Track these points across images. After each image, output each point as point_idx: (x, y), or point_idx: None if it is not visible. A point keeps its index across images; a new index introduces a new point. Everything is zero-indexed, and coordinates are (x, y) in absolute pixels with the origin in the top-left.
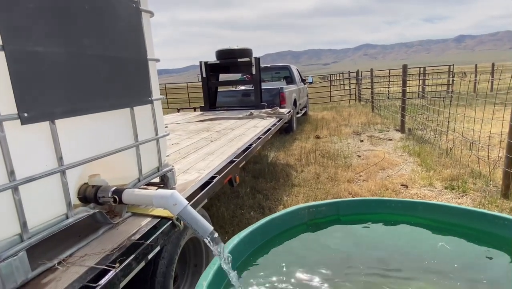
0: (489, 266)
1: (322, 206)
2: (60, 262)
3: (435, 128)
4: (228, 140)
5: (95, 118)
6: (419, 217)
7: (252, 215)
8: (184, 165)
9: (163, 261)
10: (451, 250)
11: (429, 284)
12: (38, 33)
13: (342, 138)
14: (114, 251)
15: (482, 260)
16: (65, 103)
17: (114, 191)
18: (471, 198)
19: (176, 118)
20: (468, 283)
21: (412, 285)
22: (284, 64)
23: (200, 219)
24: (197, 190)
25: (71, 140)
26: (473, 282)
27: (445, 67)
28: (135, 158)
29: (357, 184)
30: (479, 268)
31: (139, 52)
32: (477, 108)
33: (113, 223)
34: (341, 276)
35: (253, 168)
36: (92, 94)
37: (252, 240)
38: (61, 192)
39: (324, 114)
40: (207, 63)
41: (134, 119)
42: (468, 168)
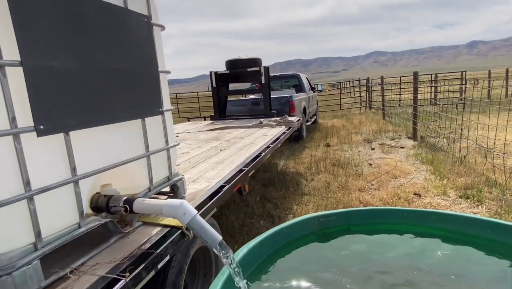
0: (507, 279)
1: (332, 216)
2: (72, 271)
3: (448, 135)
4: (238, 149)
5: (107, 130)
6: (432, 227)
7: (262, 224)
8: (194, 174)
9: (172, 271)
10: (466, 262)
11: None
12: (54, 48)
13: (353, 146)
14: (125, 260)
15: (499, 272)
16: (79, 116)
17: (125, 201)
18: (487, 207)
19: (187, 128)
20: None
21: None
22: (293, 73)
23: (209, 228)
24: (207, 199)
25: (84, 151)
26: None
27: (458, 74)
28: (146, 167)
29: (369, 193)
30: (497, 281)
31: (150, 65)
32: (491, 115)
33: (124, 232)
34: (351, 287)
35: (262, 176)
36: (105, 106)
37: (261, 250)
38: (74, 202)
39: (334, 122)
40: (217, 73)
41: (145, 130)
42: (483, 176)
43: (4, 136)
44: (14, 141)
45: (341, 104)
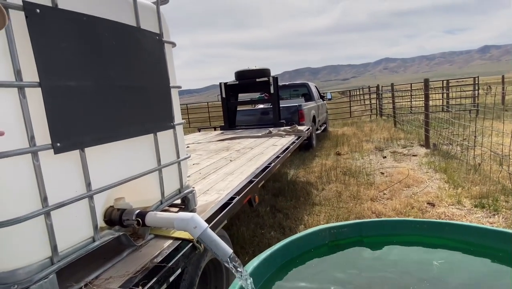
0: None
1: (344, 227)
2: (87, 284)
3: (462, 143)
4: (247, 160)
5: (121, 145)
6: (446, 239)
7: (273, 235)
8: (204, 185)
9: (184, 283)
10: (482, 274)
11: None
12: (70, 69)
13: (364, 155)
14: (137, 274)
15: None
16: (94, 133)
17: (138, 214)
18: (504, 216)
19: (197, 138)
20: None
21: None
22: (302, 82)
23: (219, 242)
24: (217, 211)
25: (98, 167)
26: None
27: (470, 80)
28: (158, 181)
29: (381, 203)
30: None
31: (162, 81)
32: (506, 121)
33: (137, 245)
34: None
35: (273, 186)
36: (119, 123)
37: (272, 261)
38: (88, 216)
39: (344, 130)
40: (226, 84)
41: (157, 144)
42: (498, 184)
43: (24, 155)
44: (33, 159)
45: (351, 112)
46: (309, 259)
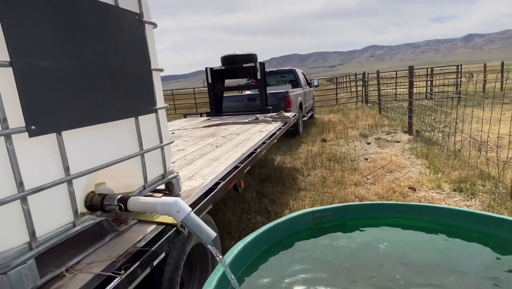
0: (497, 270)
1: (327, 211)
2: (68, 269)
3: (443, 129)
4: (233, 146)
5: (100, 129)
6: (426, 221)
7: (259, 220)
8: (189, 171)
9: (169, 267)
10: (459, 255)
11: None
12: (44, 48)
13: (349, 141)
14: (120, 258)
15: (490, 264)
16: (71, 115)
17: (119, 199)
18: (480, 200)
19: (183, 124)
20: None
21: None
22: (289, 68)
23: (203, 225)
24: (202, 196)
25: (77, 151)
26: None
27: (453, 68)
28: (140, 166)
29: (364, 187)
30: (487, 272)
31: (143, 63)
32: (485, 109)
33: (119, 230)
34: (346, 282)
35: (259, 172)
36: (97, 105)
37: (257, 245)
38: (68, 201)
39: (330, 117)
40: (212, 70)
41: (139, 129)
42: (477, 169)
43: None
44: (6, 142)
45: (337, 99)
46: (293, 242)
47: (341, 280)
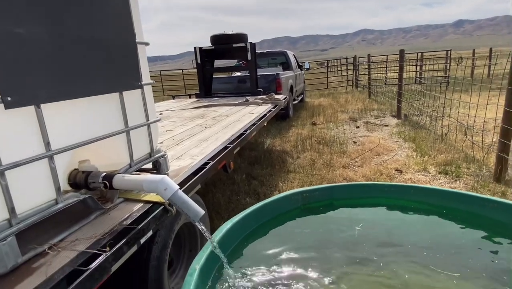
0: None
1: (316, 191)
2: (51, 247)
3: (431, 114)
4: (223, 127)
5: (83, 103)
6: (411, 201)
7: (248, 201)
8: (177, 151)
9: (156, 246)
10: (441, 231)
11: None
12: (19, 14)
13: (339, 125)
14: (105, 236)
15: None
16: (51, 87)
17: (104, 177)
18: (464, 182)
19: (171, 105)
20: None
21: (403, 267)
22: (281, 50)
23: (191, 203)
24: (190, 176)
25: (59, 126)
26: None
27: (443, 53)
28: (126, 143)
29: (352, 170)
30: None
31: (126, 35)
32: (473, 94)
33: (105, 208)
34: (334, 260)
35: (249, 154)
36: (78, 78)
37: (246, 224)
38: (49, 178)
39: (321, 101)
40: (201, 49)
41: (123, 105)
42: (462, 153)
43: None
44: None
45: (328, 83)
46: (282, 221)
47: (328, 258)
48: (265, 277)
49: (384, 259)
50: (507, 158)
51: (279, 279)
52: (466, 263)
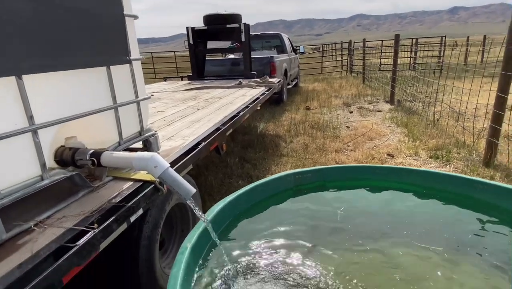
0: (463, 224)
1: (308, 173)
2: (37, 224)
3: (424, 99)
4: (215, 109)
5: (69, 77)
6: (402, 183)
7: (240, 184)
8: (169, 132)
9: (147, 225)
10: (430, 212)
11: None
12: None
13: (332, 110)
14: (94, 213)
15: (457, 219)
16: (33, 58)
17: (92, 154)
18: (454, 166)
19: (163, 87)
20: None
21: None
22: (275, 33)
23: (182, 181)
24: (182, 156)
25: (43, 99)
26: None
27: (438, 39)
28: (114, 121)
29: (345, 154)
30: (453, 226)
31: (113, 5)
32: (466, 80)
33: (93, 186)
34: (324, 240)
35: (242, 138)
36: (62, 49)
37: (238, 204)
38: (34, 153)
39: (315, 86)
40: (194, 29)
41: (111, 80)
42: (453, 138)
43: None
44: None
45: (322, 68)
46: (274, 202)
47: (319, 238)
48: (256, 256)
49: (375, 239)
50: (497, 143)
51: (270, 258)
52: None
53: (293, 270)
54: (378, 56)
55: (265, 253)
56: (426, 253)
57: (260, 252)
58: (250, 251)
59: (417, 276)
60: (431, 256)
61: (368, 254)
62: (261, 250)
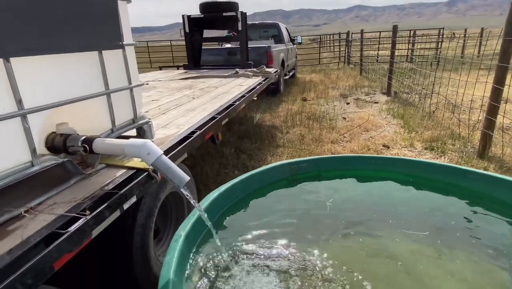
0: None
1: (303, 162)
2: (28, 210)
3: (421, 91)
4: (211, 98)
5: (60, 61)
6: (396, 172)
7: (236, 174)
8: (163, 120)
9: (142, 213)
10: (422, 200)
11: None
12: None
13: (329, 101)
14: (86, 200)
15: (446, 207)
16: (21, 41)
17: (84, 140)
18: (449, 158)
19: (158, 76)
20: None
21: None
22: (273, 22)
23: (176, 169)
24: (176, 144)
25: (32, 84)
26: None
27: (436, 31)
28: (107, 107)
29: (341, 145)
30: (442, 213)
31: None
32: (462, 73)
33: (85, 173)
34: (318, 229)
35: (238, 129)
36: (52, 32)
37: (233, 193)
38: (23, 138)
39: (312, 77)
40: (190, 17)
41: (103, 65)
42: (448, 130)
43: None
44: None
45: (320, 59)
46: (269, 191)
47: (312, 227)
48: (250, 244)
49: (368, 227)
50: (492, 135)
51: (263, 246)
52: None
53: (286, 257)
54: (375, 48)
55: (258, 241)
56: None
57: (254, 240)
58: (244, 239)
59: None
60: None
61: (362, 243)
62: (255, 238)
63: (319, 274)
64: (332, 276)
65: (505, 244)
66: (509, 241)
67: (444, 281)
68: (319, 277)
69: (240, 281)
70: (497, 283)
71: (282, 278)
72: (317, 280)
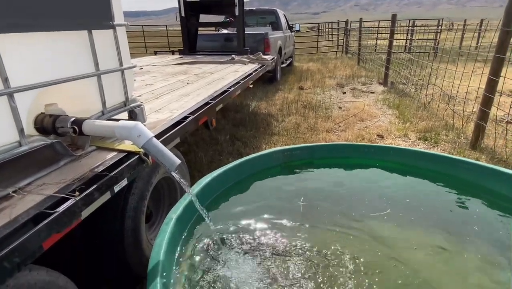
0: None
1: (297, 150)
2: (16, 190)
3: (417, 82)
4: (206, 83)
5: (47, 40)
6: (388, 161)
7: (230, 161)
8: (156, 104)
9: (133, 197)
10: (416, 190)
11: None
12: None
13: (325, 90)
14: (75, 181)
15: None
16: (6, 17)
17: (73, 121)
18: (442, 148)
19: (153, 61)
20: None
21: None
22: (271, 8)
23: (167, 152)
24: (169, 128)
25: (19, 62)
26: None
27: (435, 22)
28: (97, 89)
29: (335, 134)
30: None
31: None
32: (459, 64)
33: (75, 155)
34: (309, 215)
35: (234, 116)
36: (38, 9)
37: (226, 179)
38: (10, 118)
39: (309, 66)
40: (186, 1)
41: (93, 45)
42: (443, 120)
43: None
44: None
45: (318, 48)
46: (262, 178)
47: (303, 213)
48: (241, 229)
49: (360, 215)
50: (485, 126)
51: (254, 231)
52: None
53: (276, 242)
54: (374, 38)
55: (249, 226)
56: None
57: (245, 225)
58: (235, 224)
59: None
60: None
61: (353, 230)
62: (246, 223)
63: (308, 258)
64: (321, 259)
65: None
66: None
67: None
68: (308, 261)
69: (231, 264)
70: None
71: (272, 261)
72: (306, 263)
